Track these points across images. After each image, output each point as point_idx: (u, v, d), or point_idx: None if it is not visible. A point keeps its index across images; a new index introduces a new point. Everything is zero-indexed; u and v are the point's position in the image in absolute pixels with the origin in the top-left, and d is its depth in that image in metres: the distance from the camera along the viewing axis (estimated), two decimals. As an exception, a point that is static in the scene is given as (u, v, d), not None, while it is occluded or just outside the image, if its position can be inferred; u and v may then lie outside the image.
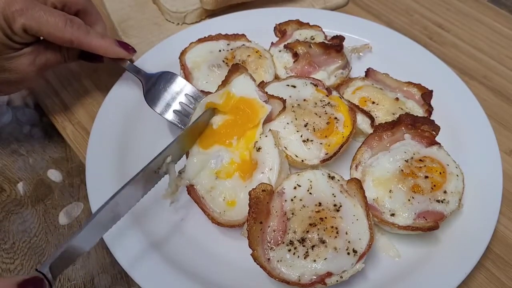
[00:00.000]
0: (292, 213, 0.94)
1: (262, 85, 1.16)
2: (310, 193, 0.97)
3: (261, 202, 0.94)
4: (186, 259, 0.98)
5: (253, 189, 0.95)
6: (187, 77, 1.22)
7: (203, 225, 1.02)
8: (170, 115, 1.15)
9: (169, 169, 0.99)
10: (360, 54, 1.41)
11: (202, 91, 1.18)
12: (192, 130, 1.06)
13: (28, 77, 1.11)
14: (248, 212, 0.93)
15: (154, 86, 1.18)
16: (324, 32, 1.35)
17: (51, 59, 1.13)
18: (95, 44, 1.12)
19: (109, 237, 0.95)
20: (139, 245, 0.97)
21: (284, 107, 1.10)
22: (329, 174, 1.01)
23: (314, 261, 0.88)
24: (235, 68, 1.12)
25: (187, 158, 1.06)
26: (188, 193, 1.03)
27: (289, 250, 0.90)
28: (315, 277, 0.87)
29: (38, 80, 1.14)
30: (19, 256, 1.06)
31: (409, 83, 1.27)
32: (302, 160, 1.07)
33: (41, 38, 1.09)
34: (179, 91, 1.18)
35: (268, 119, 1.12)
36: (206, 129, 1.08)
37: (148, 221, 1.03)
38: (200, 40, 1.29)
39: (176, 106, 1.16)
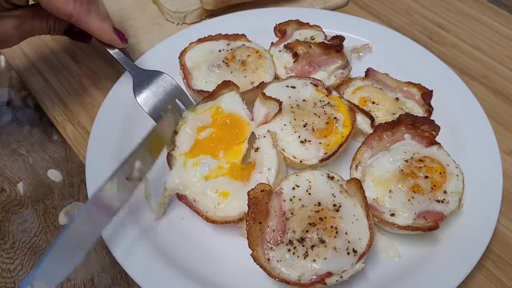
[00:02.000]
0: (291, 213, 0.94)
1: (262, 86, 1.16)
2: (309, 194, 0.97)
3: (260, 202, 0.94)
4: (186, 258, 0.98)
5: (252, 189, 0.95)
6: (187, 77, 1.22)
7: (203, 225, 1.02)
8: (157, 116, 1.13)
9: (144, 180, 0.99)
10: (360, 54, 1.41)
11: (201, 90, 1.18)
12: (157, 134, 1.03)
13: (8, 40, 1.09)
14: (247, 212, 0.93)
15: (145, 82, 1.17)
16: (324, 32, 1.35)
17: (36, 28, 1.11)
18: (94, 25, 1.10)
19: (109, 236, 0.95)
20: (139, 245, 0.97)
21: (280, 109, 1.10)
22: (328, 174, 1.01)
23: (314, 261, 0.88)
24: (226, 84, 1.13)
25: (170, 169, 1.06)
26: (178, 199, 1.03)
27: (289, 250, 0.90)
28: (315, 277, 0.87)
29: (16, 44, 1.12)
30: (19, 256, 1.06)
31: (409, 83, 1.27)
32: (301, 161, 1.07)
33: (29, 3, 1.07)
34: (170, 93, 1.17)
35: (264, 120, 1.12)
36: (193, 140, 1.08)
37: (148, 221, 1.03)
38: (200, 40, 1.29)
39: (165, 108, 1.14)
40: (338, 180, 1.01)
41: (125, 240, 0.96)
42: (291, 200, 0.97)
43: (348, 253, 0.89)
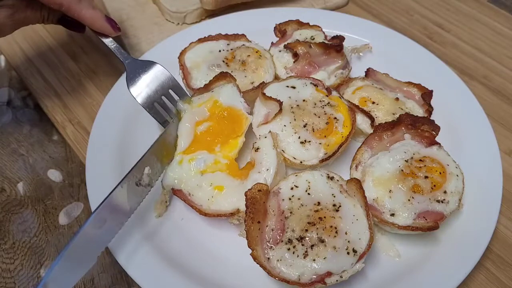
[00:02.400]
0: (290, 212, 0.94)
1: (262, 86, 1.16)
2: (309, 194, 0.97)
3: (257, 202, 0.94)
4: (186, 258, 0.98)
5: (248, 189, 0.95)
6: (186, 76, 1.22)
7: (203, 224, 1.03)
8: (150, 107, 1.13)
9: (152, 183, 1.01)
10: (360, 54, 1.41)
11: (201, 87, 1.18)
12: (165, 141, 1.06)
13: (2, 30, 1.09)
14: (246, 212, 0.93)
15: (138, 73, 1.17)
16: (324, 32, 1.35)
17: (30, 17, 1.12)
18: (84, 13, 1.11)
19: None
20: (139, 245, 0.97)
21: (281, 109, 1.10)
22: (328, 174, 1.01)
23: (314, 260, 0.88)
24: (223, 76, 1.13)
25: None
26: (174, 194, 1.03)
27: (288, 249, 0.90)
28: (315, 277, 0.87)
29: (10, 33, 1.13)
30: (19, 256, 1.06)
31: (409, 83, 1.27)
32: (301, 162, 1.07)
33: None
34: (163, 83, 1.17)
35: (265, 121, 1.12)
36: (192, 136, 1.09)
37: (148, 221, 1.03)
38: (200, 40, 1.29)
39: (158, 99, 1.15)
40: (338, 180, 1.01)
41: (125, 240, 0.96)
42: (290, 199, 0.97)
43: (348, 253, 0.89)
